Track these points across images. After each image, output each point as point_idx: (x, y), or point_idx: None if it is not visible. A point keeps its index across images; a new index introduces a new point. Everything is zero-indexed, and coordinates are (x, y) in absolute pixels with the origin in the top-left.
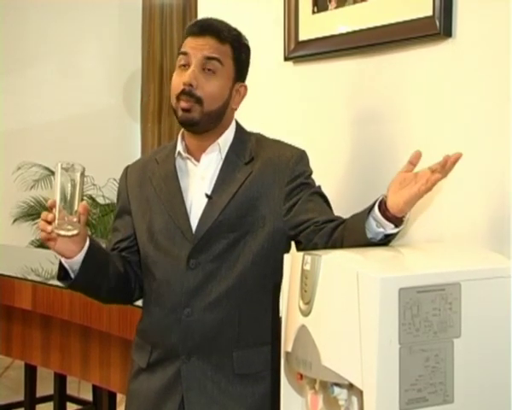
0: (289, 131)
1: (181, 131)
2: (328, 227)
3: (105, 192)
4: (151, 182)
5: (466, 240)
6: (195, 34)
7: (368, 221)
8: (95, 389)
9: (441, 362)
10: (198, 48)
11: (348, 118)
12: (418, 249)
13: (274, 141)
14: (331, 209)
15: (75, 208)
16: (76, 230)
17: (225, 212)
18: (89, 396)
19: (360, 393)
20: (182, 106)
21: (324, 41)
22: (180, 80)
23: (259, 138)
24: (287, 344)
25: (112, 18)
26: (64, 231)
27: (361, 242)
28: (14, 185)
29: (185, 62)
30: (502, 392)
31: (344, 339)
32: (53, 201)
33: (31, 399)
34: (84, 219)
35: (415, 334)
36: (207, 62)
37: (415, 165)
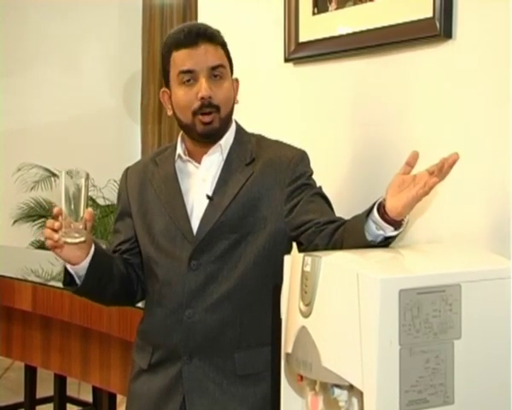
0: (289, 132)
1: (181, 132)
2: (329, 228)
3: (105, 193)
4: (151, 184)
5: (466, 241)
6: (191, 45)
7: (367, 224)
8: (95, 391)
9: (441, 363)
10: (201, 60)
11: (348, 119)
12: (418, 250)
13: (274, 141)
14: (332, 210)
15: (81, 215)
16: (83, 237)
17: (226, 213)
18: (89, 398)
19: (360, 394)
20: (205, 120)
21: (324, 42)
22: (192, 96)
23: (260, 139)
24: (287, 345)
25: (112, 19)
26: (71, 239)
27: (361, 244)
28: (14, 187)
29: (189, 78)
30: (502, 393)
31: (344, 340)
32: (59, 209)
33: (31, 400)
34: (90, 225)
35: (415, 335)
36: (214, 71)
37: (412, 166)
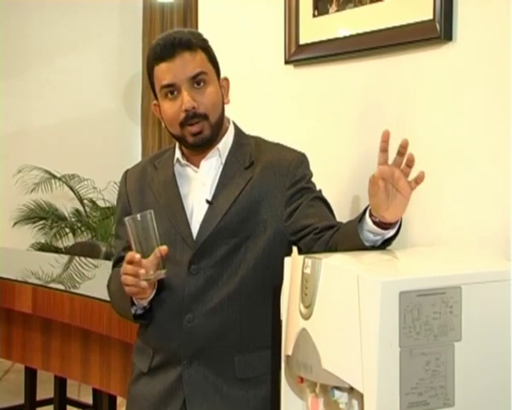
0: (290, 134)
1: None
2: (326, 236)
3: (105, 195)
4: (150, 188)
5: (466, 243)
6: (168, 57)
7: (363, 234)
8: (95, 393)
9: (442, 366)
10: (179, 72)
11: (349, 121)
12: (418, 253)
13: (274, 144)
14: (332, 213)
15: (155, 251)
16: (164, 269)
17: (226, 217)
18: (89, 400)
19: (361, 396)
20: (193, 131)
21: (325, 44)
22: (177, 108)
23: (259, 142)
24: (287, 348)
25: (112, 21)
26: (156, 277)
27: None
28: (14, 188)
29: (172, 90)
30: (502, 395)
31: (344, 342)
32: (136, 256)
33: (31, 402)
34: (164, 259)
35: (415, 337)
36: (194, 79)
37: (387, 150)
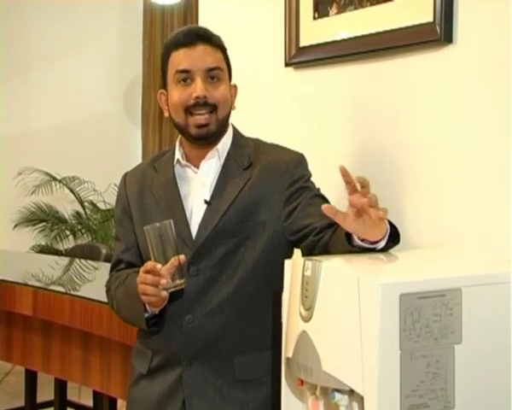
0: (290, 136)
1: (178, 137)
2: (326, 236)
3: (106, 198)
4: (150, 190)
5: (466, 245)
6: (189, 45)
7: (354, 243)
8: (95, 395)
9: (442, 368)
10: (198, 61)
11: (349, 123)
12: (418, 255)
13: (272, 145)
14: None
15: (171, 260)
16: (183, 278)
17: (225, 218)
18: (89, 402)
19: (361, 399)
20: (199, 122)
21: (325, 47)
22: (187, 95)
23: (257, 143)
24: (287, 350)
25: (113, 23)
26: (176, 287)
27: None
28: (14, 191)
29: (186, 77)
30: (503, 398)
31: (345, 345)
32: (156, 265)
33: (31, 404)
34: (181, 268)
35: (415, 340)
36: (210, 72)
37: (351, 181)
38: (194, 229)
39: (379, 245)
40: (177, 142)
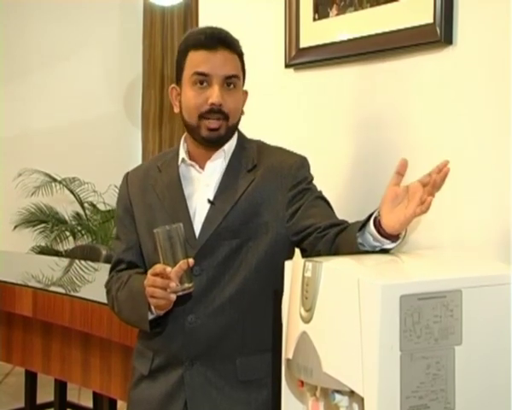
0: (290, 137)
1: (183, 136)
2: (330, 234)
3: (106, 199)
4: (154, 189)
5: (466, 247)
6: (210, 48)
7: (364, 236)
8: (95, 396)
9: (442, 369)
10: (218, 66)
11: (349, 124)
12: (419, 256)
13: (275, 148)
14: (334, 212)
15: (180, 262)
16: (192, 281)
17: (228, 218)
18: (89, 403)
19: (361, 400)
20: (211, 126)
21: (325, 48)
22: (203, 100)
23: (261, 146)
24: (288, 351)
25: (113, 24)
26: (184, 290)
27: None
28: (14, 192)
29: (203, 80)
30: (503, 399)
31: (345, 346)
32: (166, 268)
33: (31, 405)
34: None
35: (416, 341)
36: (228, 80)
37: (403, 175)
38: (197, 229)
39: (386, 244)
40: (182, 140)
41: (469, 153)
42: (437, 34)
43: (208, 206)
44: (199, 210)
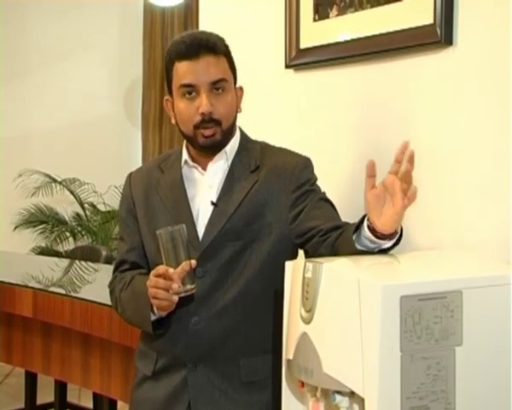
0: (290, 138)
1: (185, 140)
2: (332, 237)
3: (106, 199)
4: (156, 191)
5: (467, 247)
6: (192, 57)
7: (361, 240)
8: (95, 397)
9: (443, 370)
10: (202, 74)
11: (349, 125)
12: (419, 257)
13: (279, 149)
14: (338, 214)
15: (182, 264)
16: (194, 283)
17: (231, 220)
18: (89, 404)
19: (362, 400)
20: (206, 134)
21: (325, 49)
22: (193, 110)
23: (264, 146)
24: (288, 352)
25: (113, 25)
26: (186, 291)
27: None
28: (15, 192)
29: (191, 91)
30: (503, 400)
31: (345, 347)
32: (168, 269)
33: (31, 406)
34: (192, 273)
35: (416, 342)
36: (215, 85)
37: (374, 175)
38: (200, 230)
39: (384, 244)
40: (184, 143)
41: (469, 153)
42: (437, 35)
43: (211, 208)
44: (202, 212)
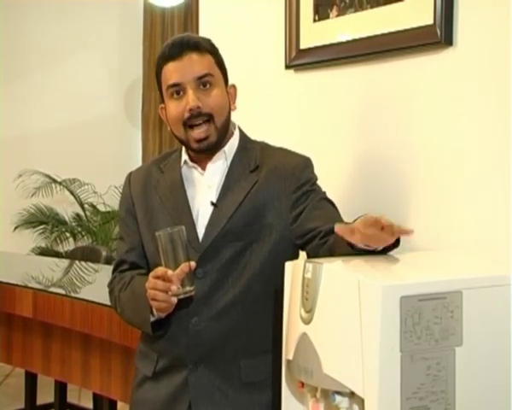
0: (290, 138)
1: None
2: (331, 240)
3: (106, 200)
4: (156, 191)
5: (466, 247)
6: (176, 57)
7: (355, 246)
8: (95, 397)
9: (443, 370)
10: (186, 71)
11: (349, 125)
12: (419, 257)
13: (279, 149)
14: (339, 213)
15: (181, 265)
16: (193, 285)
17: (232, 220)
18: (89, 404)
19: (362, 401)
20: (197, 137)
21: (325, 49)
22: (182, 108)
23: (264, 147)
24: (288, 352)
25: (113, 25)
26: (185, 293)
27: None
28: (15, 193)
29: (178, 90)
30: (503, 400)
31: (345, 347)
32: (167, 271)
33: (31, 407)
34: (191, 275)
35: (416, 342)
36: (201, 80)
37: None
38: (200, 231)
39: (380, 247)
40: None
41: (469, 153)
42: (437, 35)
43: (211, 208)
44: (202, 212)
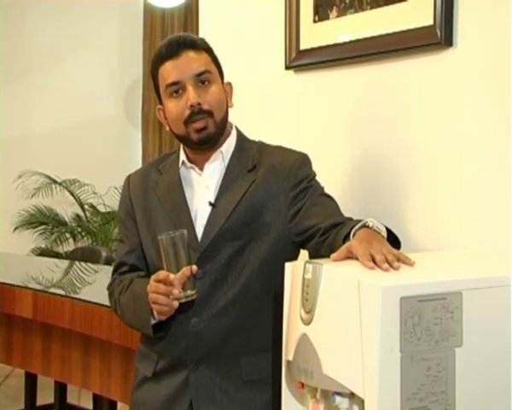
0: (290, 138)
1: None
2: (331, 237)
3: (106, 200)
4: (155, 192)
5: (467, 248)
6: (173, 55)
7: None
8: (95, 398)
9: (443, 371)
10: (185, 69)
11: (349, 126)
12: (419, 258)
13: (276, 147)
14: (338, 208)
15: (183, 269)
16: (195, 289)
17: (230, 220)
18: (89, 405)
19: (361, 402)
20: (197, 127)
21: (325, 50)
22: (182, 106)
23: (261, 145)
24: (288, 353)
25: (113, 26)
26: (187, 297)
27: None
28: (15, 193)
29: (177, 89)
30: (503, 401)
31: (345, 348)
32: (169, 275)
33: (31, 407)
34: (192, 279)
35: (416, 343)
36: (199, 77)
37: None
38: (199, 231)
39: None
40: (181, 144)
41: (469, 153)
42: (437, 36)
43: (209, 208)
44: (200, 213)
